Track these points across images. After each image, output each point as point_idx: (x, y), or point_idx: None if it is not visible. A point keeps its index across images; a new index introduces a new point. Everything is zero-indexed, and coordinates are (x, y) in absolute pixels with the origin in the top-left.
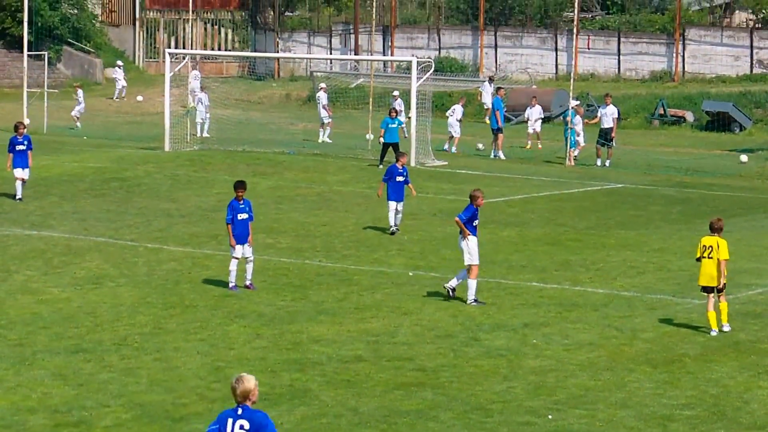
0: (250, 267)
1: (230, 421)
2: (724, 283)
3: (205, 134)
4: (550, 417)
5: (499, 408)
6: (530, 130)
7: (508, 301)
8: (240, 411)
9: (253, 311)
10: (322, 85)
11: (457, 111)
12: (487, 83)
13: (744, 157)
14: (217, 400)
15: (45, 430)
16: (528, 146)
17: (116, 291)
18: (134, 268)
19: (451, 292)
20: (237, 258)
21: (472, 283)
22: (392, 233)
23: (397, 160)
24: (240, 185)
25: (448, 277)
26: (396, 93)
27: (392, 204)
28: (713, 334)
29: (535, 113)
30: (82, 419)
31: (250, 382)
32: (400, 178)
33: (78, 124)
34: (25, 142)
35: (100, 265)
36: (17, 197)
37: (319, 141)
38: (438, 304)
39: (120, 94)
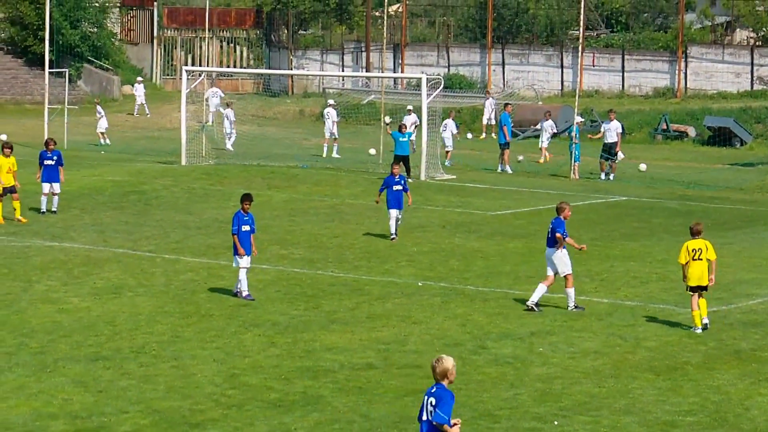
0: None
1: (425, 398)
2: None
3: (229, 147)
4: (556, 423)
5: (507, 414)
6: (540, 145)
7: (515, 310)
8: (434, 389)
9: (267, 320)
10: (331, 101)
11: (449, 125)
12: (491, 99)
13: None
14: (232, 406)
15: None
16: (541, 161)
17: (135, 300)
18: (152, 278)
19: (536, 308)
20: (244, 267)
21: (571, 292)
22: (392, 239)
23: (392, 171)
24: (247, 198)
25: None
26: (410, 108)
27: (393, 212)
28: (697, 331)
29: (547, 127)
30: (102, 425)
31: (448, 362)
32: (397, 187)
33: (107, 140)
34: (55, 158)
35: (119, 276)
36: (41, 210)
37: (333, 155)
38: (446, 313)
39: (140, 110)
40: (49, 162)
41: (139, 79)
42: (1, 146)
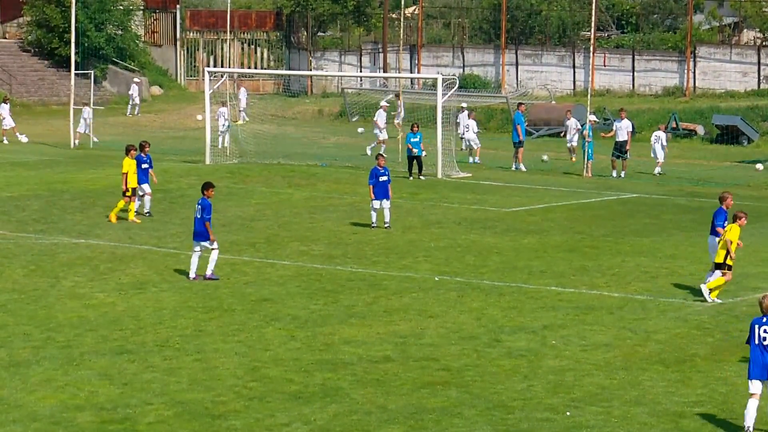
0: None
1: (756, 327)
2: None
3: (225, 145)
4: (568, 414)
5: (520, 405)
6: (569, 145)
7: (529, 304)
8: (764, 319)
9: (287, 314)
10: (384, 103)
11: (472, 125)
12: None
13: (759, 166)
14: (254, 398)
15: (92, 426)
16: (573, 159)
17: (159, 296)
18: (176, 274)
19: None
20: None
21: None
22: (385, 227)
23: (377, 162)
24: (212, 186)
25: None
26: (464, 105)
27: (376, 203)
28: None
29: (571, 126)
30: (127, 416)
31: None
32: (383, 178)
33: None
34: (148, 161)
35: (144, 272)
36: (145, 212)
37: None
38: (462, 307)
39: (133, 110)
40: (145, 165)
41: (136, 80)
42: (126, 149)
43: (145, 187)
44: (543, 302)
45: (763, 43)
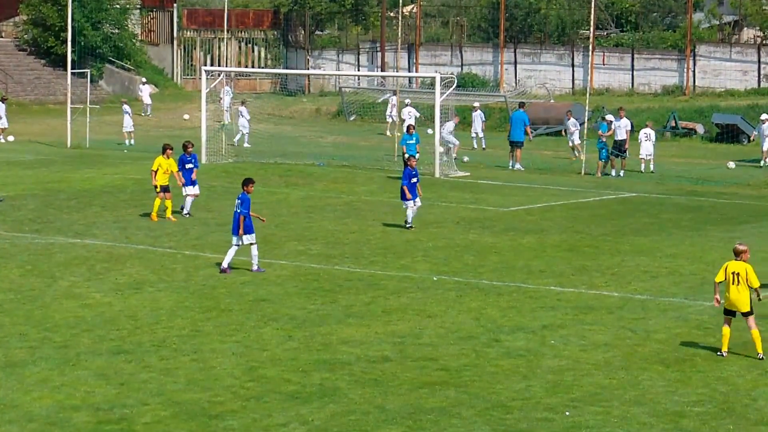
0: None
1: None
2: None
3: (246, 144)
4: (567, 414)
5: (519, 405)
6: (570, 144)
7: (528, 304)
8: None
9: (285, 314)
10: (408, 101)
11: (448, 126)
12: (392, 96)
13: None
14: (251, 398)
15: (88, 427)
16: (574, 158)
17: (155, 296)
18: (173, 274)
19: None
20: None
21: None
22: (410, 227)
23: (410, 163)
24: (252, 181)
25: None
26: (477, 104)
27: (411, 202)
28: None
29: (571, 126)
30: (124, 417)
31: None
32: (414, 179)
33: (128, 141)
34: (192, 161)
35: (141, 272)
36: (185, 212)
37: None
38: (461, 307)
39: (146, 110)
40: (190, 165)
41: (143, 80)
42: (162, 148)
43: (190, 188)
44: (542, 302)
45: (763, 42)
